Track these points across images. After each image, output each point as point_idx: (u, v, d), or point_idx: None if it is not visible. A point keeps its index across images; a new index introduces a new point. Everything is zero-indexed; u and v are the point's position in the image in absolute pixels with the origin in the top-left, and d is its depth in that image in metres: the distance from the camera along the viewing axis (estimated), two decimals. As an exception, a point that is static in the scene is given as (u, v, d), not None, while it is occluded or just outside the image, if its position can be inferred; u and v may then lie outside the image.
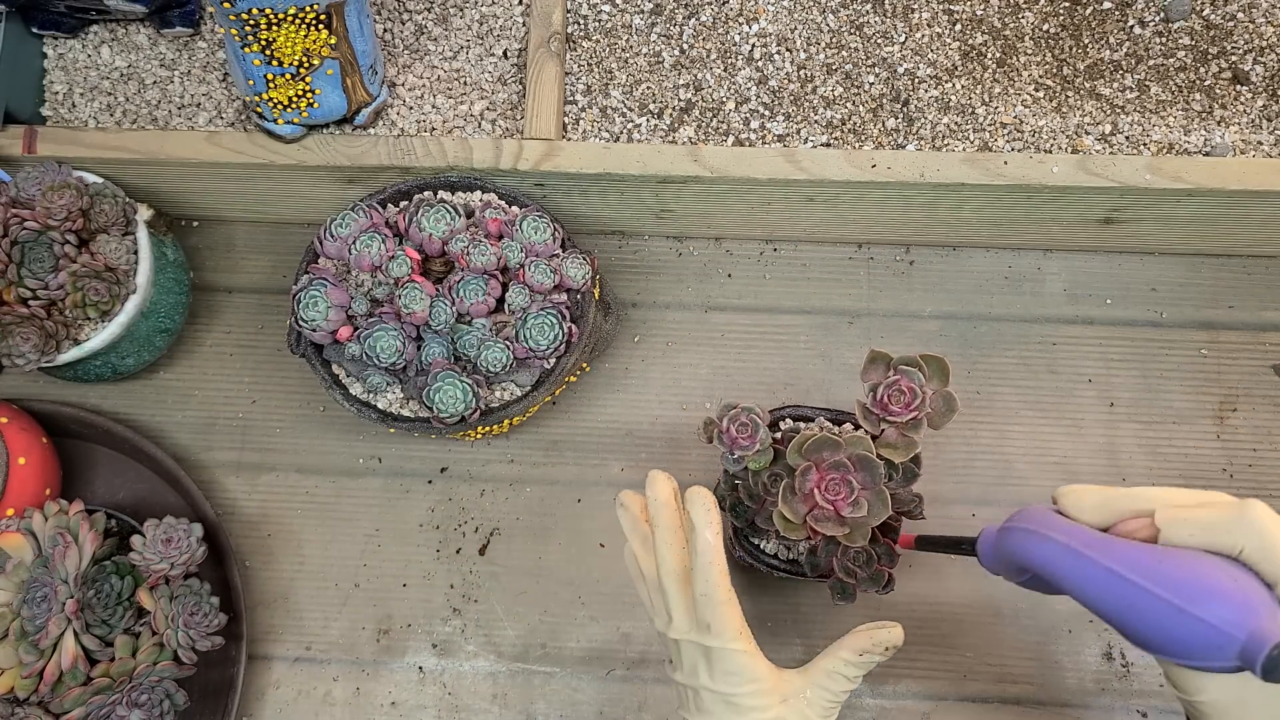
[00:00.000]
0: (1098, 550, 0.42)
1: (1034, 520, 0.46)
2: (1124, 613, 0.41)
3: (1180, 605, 0.39)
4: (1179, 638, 0.40)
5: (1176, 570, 0.40)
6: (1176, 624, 0.39)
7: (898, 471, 0.60)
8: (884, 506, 0.57)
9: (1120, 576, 0.41)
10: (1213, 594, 0.39)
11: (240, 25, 0.65)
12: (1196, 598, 0.39)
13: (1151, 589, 0.40)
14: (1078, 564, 0.43)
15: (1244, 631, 0.38)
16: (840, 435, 0.59)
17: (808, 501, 0.58)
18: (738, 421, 0.61)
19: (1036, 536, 0.45)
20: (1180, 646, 0.40)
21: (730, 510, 0.64)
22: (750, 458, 0.61)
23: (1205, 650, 0.39)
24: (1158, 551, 0.41)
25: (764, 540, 0.66)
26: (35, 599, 0.64)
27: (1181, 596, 0.39)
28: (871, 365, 0.61)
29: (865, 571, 0.60)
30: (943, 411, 0.60)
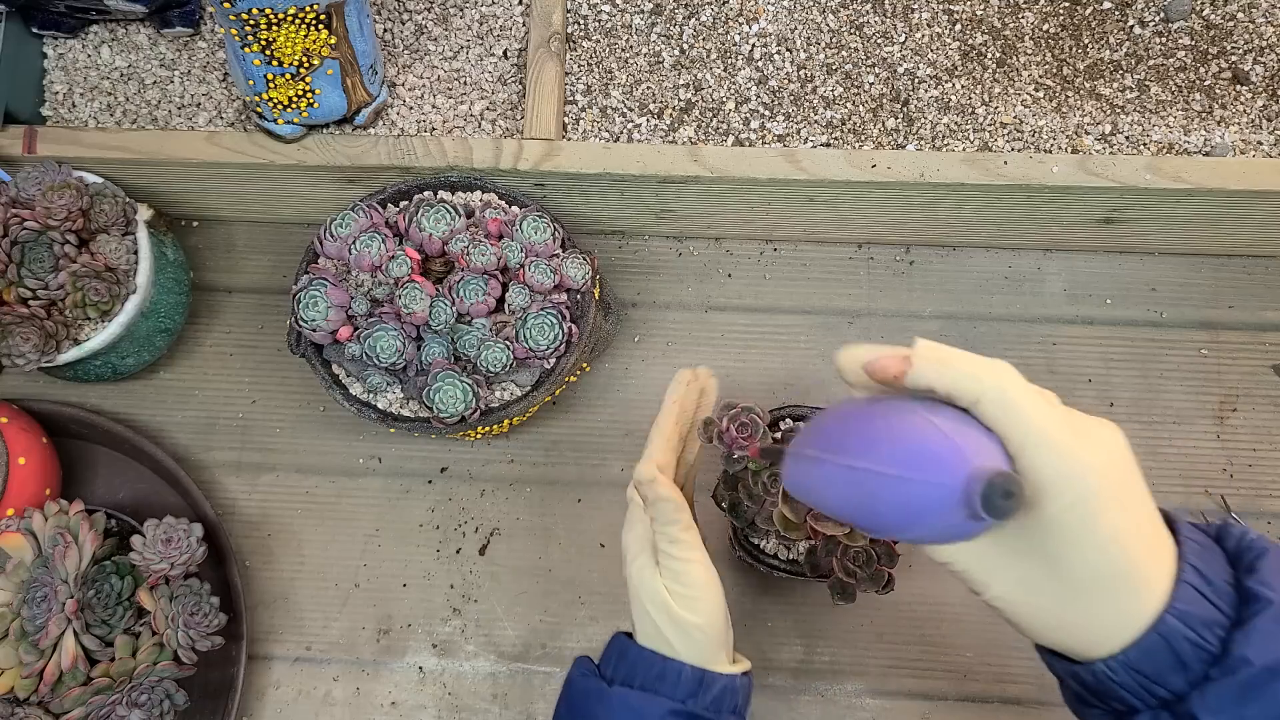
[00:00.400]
0: (835, 449, 0.42)
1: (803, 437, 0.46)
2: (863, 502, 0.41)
3: (901, 474, 0.39)
4: (911, 507, 0.39)
5: (894, 442, 0.40)
6: (906, 493, 0.39)
7: None
8: None
9: (850, 467, 0.41)
10: (926, 453, 0.39)
11: (240, 25, 0.65)
12: (913, 461, 0.39)
13: (877, 468, 0.40)
14: (820, 470, 0.43)
15: (961, 476, 0.38)
16: None
17: None
18: (738, 421, 0.61)
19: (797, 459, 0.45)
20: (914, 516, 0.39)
21: (730, 510, 0.64)
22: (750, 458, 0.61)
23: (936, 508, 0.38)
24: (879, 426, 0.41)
25: (764, 540, 0.66)
26: (35, 599, 0.64)
27: (901, 465, 0.39)
28: None
29: (865, 571, 0.60)
30: None
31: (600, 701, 0.56)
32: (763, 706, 0.72)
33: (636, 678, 0.56)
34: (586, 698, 0.57)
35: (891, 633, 0.74)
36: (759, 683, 0.73)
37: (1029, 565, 0.41)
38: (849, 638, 0.74)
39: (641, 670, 0.56)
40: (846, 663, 0.73)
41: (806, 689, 0.73)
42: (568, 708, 0.58)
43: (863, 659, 0.73)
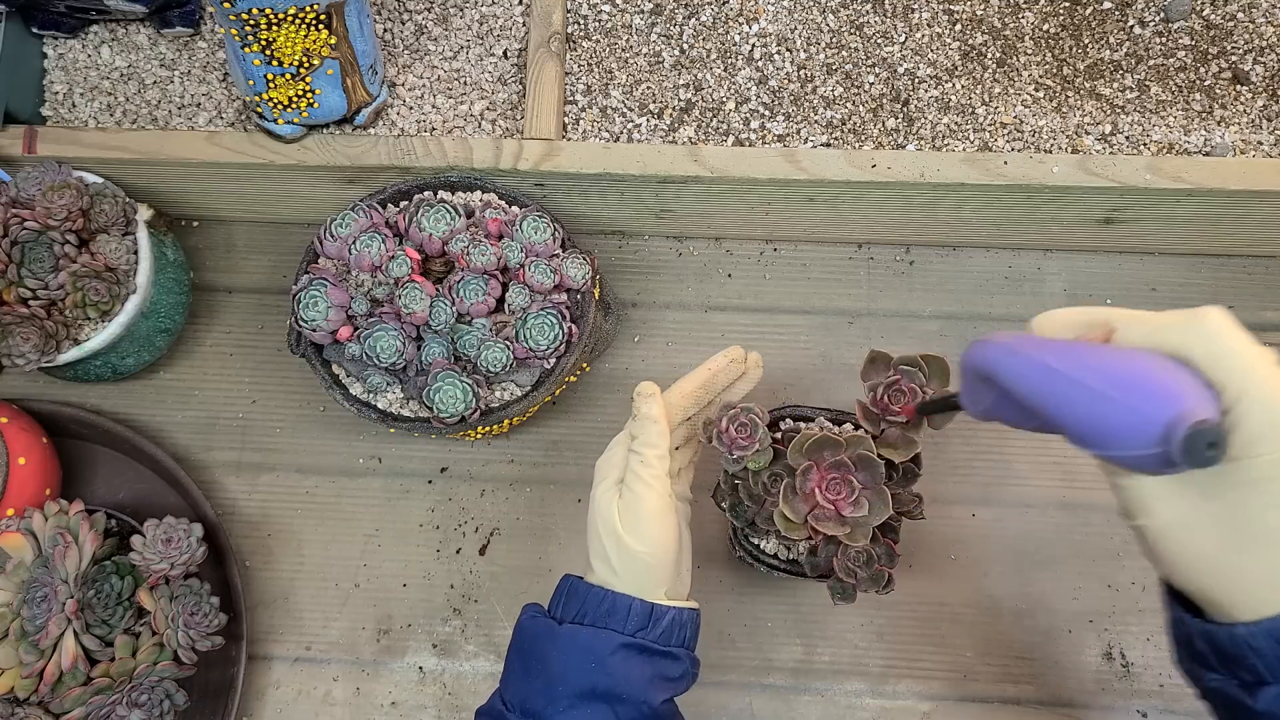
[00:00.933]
0: (1035, 347, 0.43)
1: (994, 337, 0.46)
2: (1054, 400, 0.41)
3: (1107, 391, 0.39)
4: (1105, 422, 0.39)
5: (1108, 362, 0.40)
6: (1103, 409, 0.39)
7: (898, 471, 0.60)
8: (885, 506, 0.58)
9: (1051, 369, 0.41)
10: (1141, 380, 0.39)
11: (240, 25, 0.65)
12: (1124, 384, 0.39)
13: (1082, 378, 0.40)
14: (1014, 360, 0.43)
15: (1171, 411, 0.38)
16: (840, 435, 0.59)
17: (808, 501, 0.58)
18: (737, 421, 0.60)
19: (987, 345, 0.45)
20: (1106, 432, 0.39)
21: (730, 510, 0.64)
22: (750, 458, 0.61)
23: (1129, 433, 0.38)
24: (1096, 347, 0.41)
25: (764, 540, 0.66)
26: (35, 599, 0.64)
27: (1109, 383, 0.39)
28: (872, 365, 0.61)
29: (865, 571, 0.60)
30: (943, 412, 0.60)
31: (550, 640, 0.56)
32: (763, 706, 0.72)
33: (586, 615, 0.56)
34: (536, 639, 0.57)
35: (891, 633, 0.74)
36: (759, 682, 0.73)
37: (1208, 504, 0.40)
38: (849, 638, 0.74)
39: (591, 607, 0.56)
40: (846, 663, 0.73)
41: (806, 689, 0.73)
42: (518, 652, 0.57)
43: (863, 659, 0.73)
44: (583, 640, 0.55)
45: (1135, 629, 0.73)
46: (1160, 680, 0.72)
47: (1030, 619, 0.74)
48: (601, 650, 0.54)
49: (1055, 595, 0.74)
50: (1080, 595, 0.74)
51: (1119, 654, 0.73)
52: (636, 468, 0.58)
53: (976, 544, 0.75)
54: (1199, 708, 0.52)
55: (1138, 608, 0.74)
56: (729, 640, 0.74)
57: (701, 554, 0.76)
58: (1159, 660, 0.72)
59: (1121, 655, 0.73)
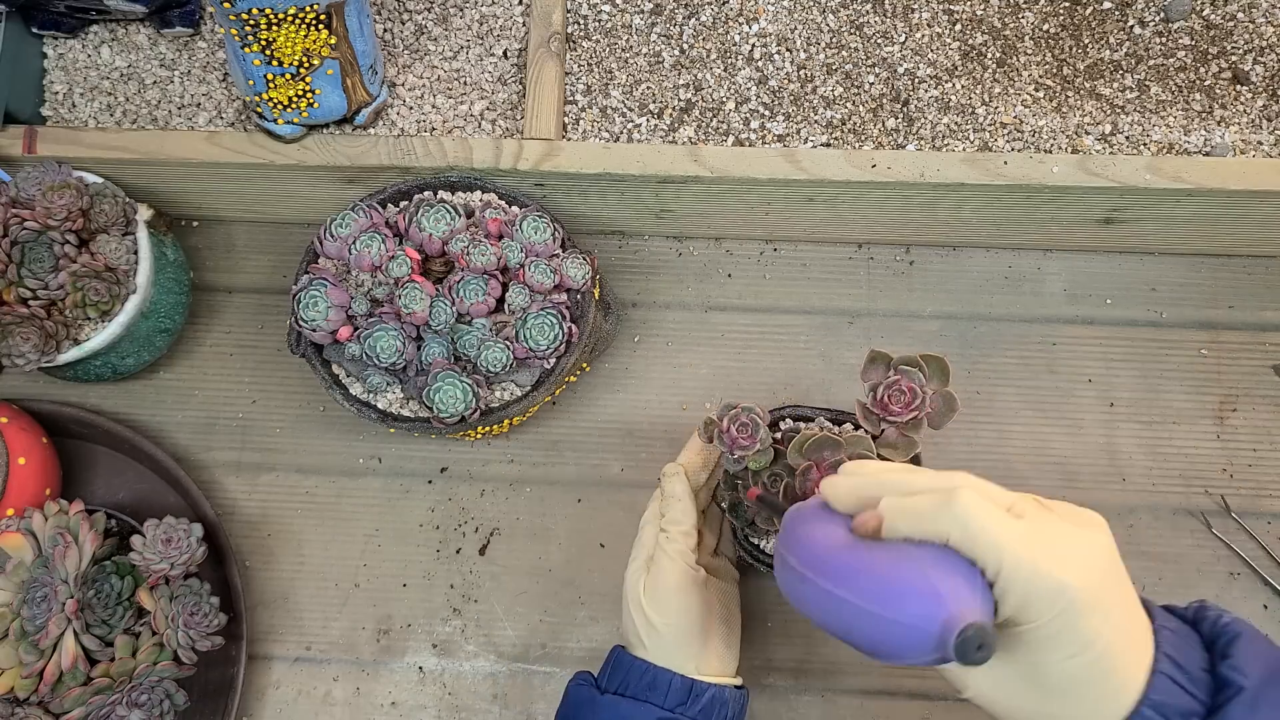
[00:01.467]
0: (817, 569, 0.44)
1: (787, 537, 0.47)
2: (844, 628, 0.43)
3: (878, 612, 0.41)
4: (890, 643, 0.41)
5: (873, 578, 0.42)
6: (882, 629, 0.41)
7: None
8: None
9: (831, 594, 0.43)
10: (904, 595, 0.41)
11: (240, 25, 0.65)
12: (890, 601, 0.41)
13: (858, 602, 0.42)
14: (803, 588, 0.45)
15: (937, 623, 0.40)
16: (840, 435, 0.59)
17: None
18: (738, 421, 0.61)
19: (783, 564, 0.46)
20: (894, 650, 0.41)
21: (730, 510, 0.64)
22: (750, 458, 0.61)
23: (911, 648, 0.41)
24: (862, 559, 0.43)
25: (764, 540, 0.66)
26: (35, 599, 0.64)
27: (878, 603, 0.41)
28: (871, 365, 0.61)
29: None
30: (943, 411, 0.60)
31: (592, 709, 0.58)
32: (763, 706, 0.72)
33: (629, 686, 0.58)
34: (579, 706, 0.59)
35: (891, 633, 0.74)
36: (759, 682, 0.73)
37: (1007, 668, 0.43)
38: (849, 638, 0.74)
39: (634, 679, 0.58)
40: (846, 663, 0.73)
41: (806, 689, 0.73)
42: (563, 717, 0.60)
43: (863, 659, 0.73)
44: (623, 710, 0.57)
45: (1135, 629, 0.73)
46: (1160, 680, 0.72)
47: (1030, 619, 0.74)
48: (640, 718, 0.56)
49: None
50: (1080, 595, 0.74)
51: (1119, 654, 0.73)
52: (663, 543, 0.61)
53: (976, 544, 0.75)
54: (1199, 708, 0.52)
55: (1138, 608, 0.74)
56: (729, 640, 0.74)
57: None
58: (1159, 660, 0.72)
59: (1121, 655, 0.73)
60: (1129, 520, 0.75)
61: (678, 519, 0.62)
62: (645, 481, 0.77)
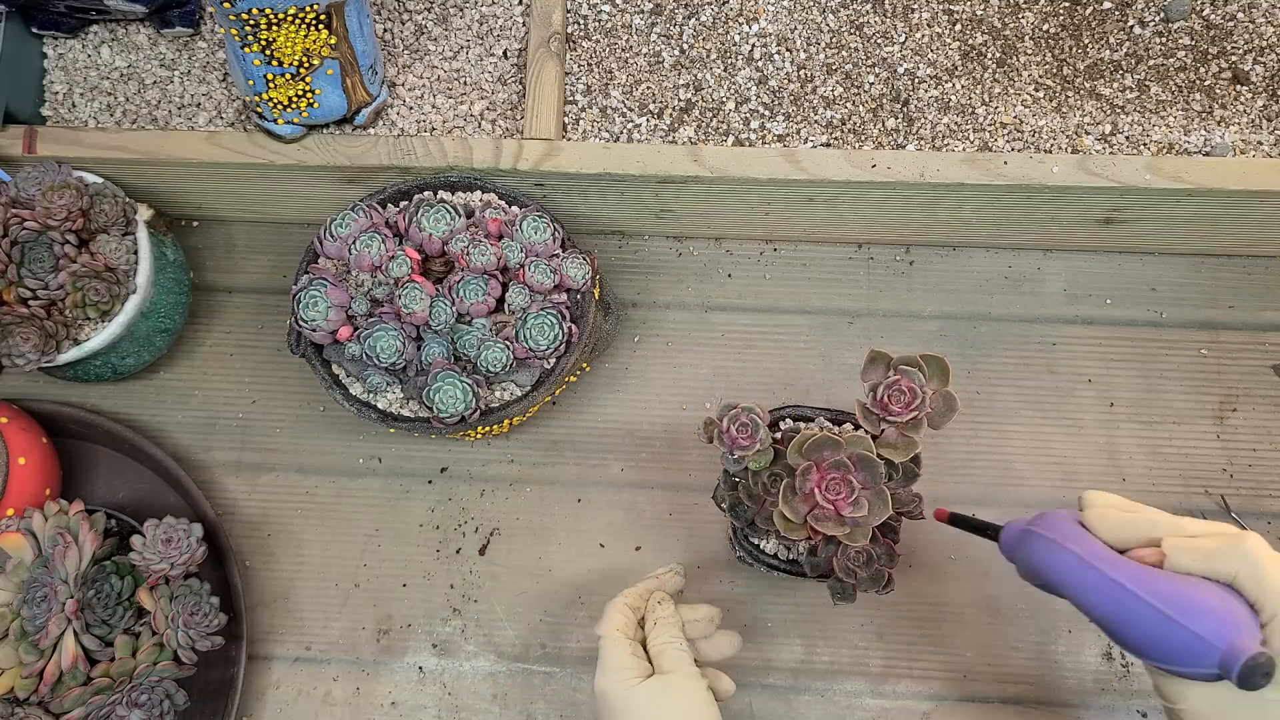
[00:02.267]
0: (1106, 563, 0.48)
1: (1056, 530, 0.51)
2: (1122, 618, 0.47)
3: (1171, 615, 0.45)
4: (1168, 645, 0.45)
5: (1171, 587, 0.46)
6: (1167, 632, 0.45)
7: (898, 471, 0.60)
8: (884, 506, 0.58)
9: (1122, 587, 0.47)
10: (1201, 609, 0.45)
11: (240, 25, 0.65)
12: (1186, 610, 0.45)
13: (1149, 600, 0.46)
14: (1088, 574, 0.48)
15: (1225, 643, 0.44)
16: (840, 435, 0.59)
17: (808, 501, 0.58)
18: (738, 421, 0.61)
19: (1056, 547, 0.50)
20: (1168, 652, 0.46)
21: (730, 510, 0.64)
22: (750, 458, 0.61)
23: (1190, 657, 0.45)
24: (1157, 571, 0.47)
25: (764, 540, 0.66)
26: (35, 599, 0.64)
27: (1173, 608, 0.45)
28: (871, 365, 0.61)
29: (865, 571, 0.60)
30: (943, 411, 0.60)
31: None
32: (763, 707, 0.72)
33: None
34: None
35: (891, 633, 0.74)
36: (759, 682, 0.73)
37: (1233, 698, 0.46)
38: (849, 638, 0.74)
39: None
40: (846, 663, 0.73)
41: (806, 689, 0.73)
42: None
43: (863, 659, 0.73)
44: None
45: (1135, 629, 0.73)
46: (1160, 680, 0.72)
47: (1030, 619, 0.74)
48: None
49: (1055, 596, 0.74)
50: (1080, 595, 0.74)
51: (1119, 654, 0.73)
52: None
53: (976, 545, 0.75)
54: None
55: (1138, 608, 0.74)
56: (729, 640, 0.74)
57: (702, 554, 0.76)
58: (1159, 660, 0.72)
59: (1121, 656, 0.73)
60: (1129, 520, 0.75)
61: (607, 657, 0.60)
62: (645, 481, 0.78)
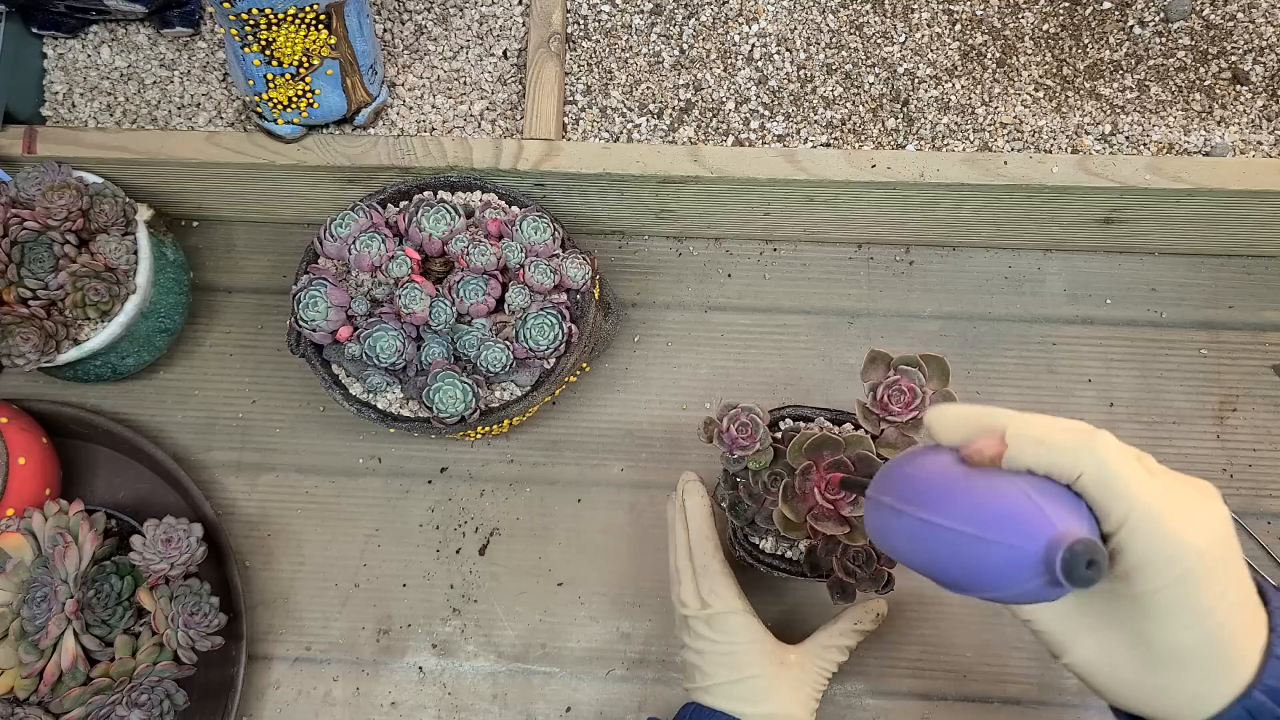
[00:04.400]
0: (913, 502, 0.42)
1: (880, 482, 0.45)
2: (936, 557, 0.41)
3: (981, 535, 0.39)
4: (986, 566, 0.39)
5: (981, 503, 0.40)
6: (982, 553, 0.39)
7: None
8: None
9: (928, 523, 0.41)
10: (1006, 516, 0.39)
11: (240, 25, 0.65)
12: (996, 524, 0.39)
13: (956, 526, 0.40)
14: (898, 522, 0.42)
15: (1040, 543, 0.37)
16: (840, 435, 0.59)
17: (808, 501, 0.58)
18: (738, 421, 0.61)
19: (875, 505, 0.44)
20: (989, 575, 0.39)
21: (730, 510, 0.64)
22: (750, 457, 0.61)
23: (1012, 572, 0.38)
24: (960, 484, 0.41)
25: (763, 540, 0.66)
26: (35, 599, 0.64)
27: (982, 526, 0.39)
28: (871, 365, 0.61)
29: (865, 571, 0.60)
30: None
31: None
32: (763, 706, 0.72)
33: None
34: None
35: (891, 633, 0.74)
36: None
37: (1114, 633, 0.41)
38: (849, 638, 0.74)
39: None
40: (846, 662, 0.73)
41: (806, 689, 0.73)
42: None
43: (863, 659, 0.73)
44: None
45: (1135, 629, 0.73)
46: (1160, 680, 0.72)
47: (1030, 619, 0.74)
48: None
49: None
50: (1080, 595, 0.74)
51: (1119, 654, 0.73)
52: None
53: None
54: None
55: (1138, 608, 0.74)
56: (729, 640, 0.74)
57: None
58: (1159, 660, 0.72)
59: (1121, 655, 0.73)
60: (1129, 520, 0.75)
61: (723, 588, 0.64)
62: (645, 481, 0.78)
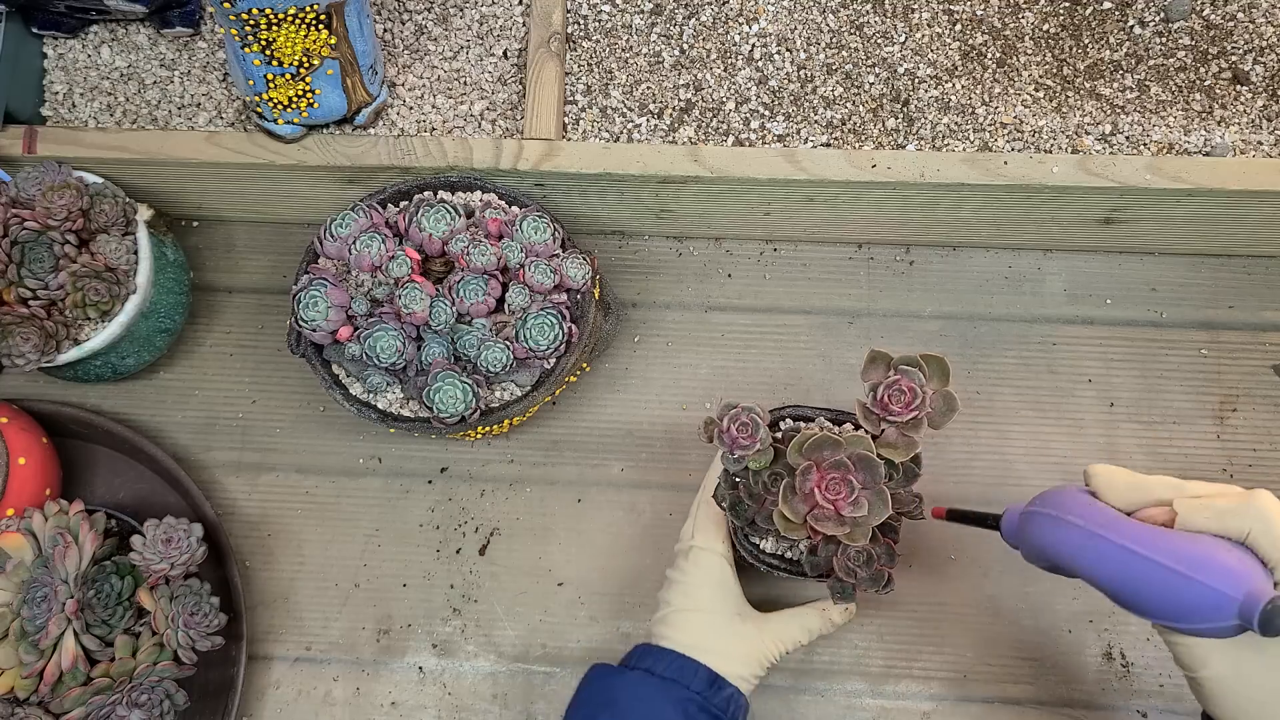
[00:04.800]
0: (1112, 530, 0.48)
1: (1056, 504, 0.51)
2: (1135, 583, 0.47)
3: (1185, 572, 0.45)
4: (1184, 601, 0.45)
5: (1182, 545, 0.46)
6: (1181, 588, 0.45)
7: (898, 471, 0.60)
8: (884, 506, 0.57)
9: (1132, 551, 0.47)
10: (1213, 562, 0.45)
11: (240, 25, 0.65)
12: (1199, 566, 0.45)
13: (1161, 560, 0.46)
14: (1093, 543, 0.49)
15: (1241, 592, 0.44)
16: (840, 435, 0.59)
17: (808, 501, 0.58)
18: (738, 421, 0.60)
19: (1059, 522, 0.50)
20: (1184, 609, 0.46)
21: (731, 509, 0.64)
22: (751, 457, 0.61)
23: (1207, 611, 0.45)
24: (1166, 531, 0.48)
25: (764, 540, 0.66)
26: (35, 599, 0.64)
27: (1186, 564, 0.45)
28: (871, 365, 0.61)
29: (865, 571, 0.60)
30: (943, 411, 0.60)
31: (620, 678, 0.60)
32: (763, 707, 0.72)
33: (656, 668, 0.60)
34: (605, 677, 0.61)
35: (891, 633, 0.74)
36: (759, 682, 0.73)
37: (1255, 658, 0.47)
38: (849, 638, 0.74)
39: (662, 663, 0.60)
40: (846, 663, 0.73)
41: (806, 689, 0.73)
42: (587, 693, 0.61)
43: (863, 659, 0.73)
44: (650, 685, 0.59)
45: (1135, 629, 0.73)
46: (1160, 680, 0.72)
47: (1030, 619, 0.74)
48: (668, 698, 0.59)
49: (1055, 595, 0.74)
50: (1080, 595, 0.74)
51: (1119, 654, 0.73)
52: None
53: (976, 544, 0.75)
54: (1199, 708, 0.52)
55: (1138, 608, 0.74)
56: (729, 640, 0.74)
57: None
58: (1159, 660, 0.72)
59: (1121, 655, 0.73)
60: (1129, 520, 0.76)
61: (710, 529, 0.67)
62: (645, 481, 0.78)
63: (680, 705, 0.58)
